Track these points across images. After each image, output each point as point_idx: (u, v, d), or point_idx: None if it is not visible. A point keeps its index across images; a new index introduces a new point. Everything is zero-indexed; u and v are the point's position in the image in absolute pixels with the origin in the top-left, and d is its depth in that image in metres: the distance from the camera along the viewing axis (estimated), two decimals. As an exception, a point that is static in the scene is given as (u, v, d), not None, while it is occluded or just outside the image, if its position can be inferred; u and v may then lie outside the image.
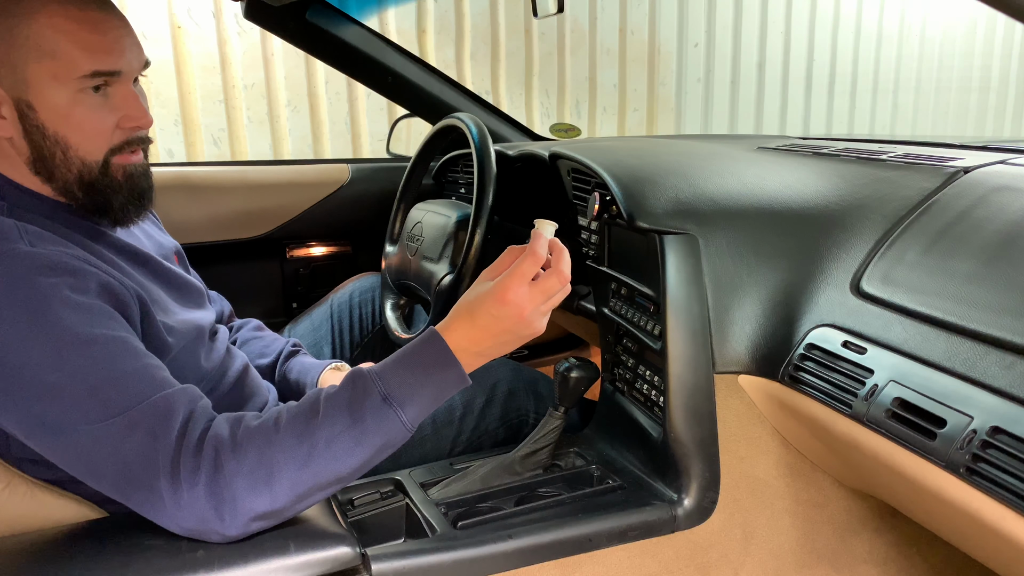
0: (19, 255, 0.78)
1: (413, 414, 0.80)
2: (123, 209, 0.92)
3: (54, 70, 0.83)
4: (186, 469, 0.74)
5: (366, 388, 0.80)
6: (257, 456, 0.75)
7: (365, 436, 0.78)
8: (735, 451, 1.04)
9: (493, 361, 0.90)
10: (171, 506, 0.74)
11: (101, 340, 0.78)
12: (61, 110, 0.84)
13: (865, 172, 1.11)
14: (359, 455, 0.78)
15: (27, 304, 0.76)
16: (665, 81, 4.00)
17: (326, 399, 0.80)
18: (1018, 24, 0.94)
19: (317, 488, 0.78)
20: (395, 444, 0.81)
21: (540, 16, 1.62)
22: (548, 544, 0.91)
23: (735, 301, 1.00)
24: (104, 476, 0.75)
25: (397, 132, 2.04)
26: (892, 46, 4.58)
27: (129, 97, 0.88)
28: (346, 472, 0.79)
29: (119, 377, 0.77)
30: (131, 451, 0.74)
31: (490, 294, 0.83)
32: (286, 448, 0.76)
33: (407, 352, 0.83)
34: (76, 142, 0.86)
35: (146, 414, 0.75)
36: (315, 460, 0.77)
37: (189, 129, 2.99)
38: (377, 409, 0.79)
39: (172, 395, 0.78)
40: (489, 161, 1.23)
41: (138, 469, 0.74)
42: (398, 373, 0.81)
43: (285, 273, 1.88)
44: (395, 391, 0.80)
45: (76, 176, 0.88)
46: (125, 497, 0.76)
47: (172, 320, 0.95)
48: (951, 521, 0.81)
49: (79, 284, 0.80)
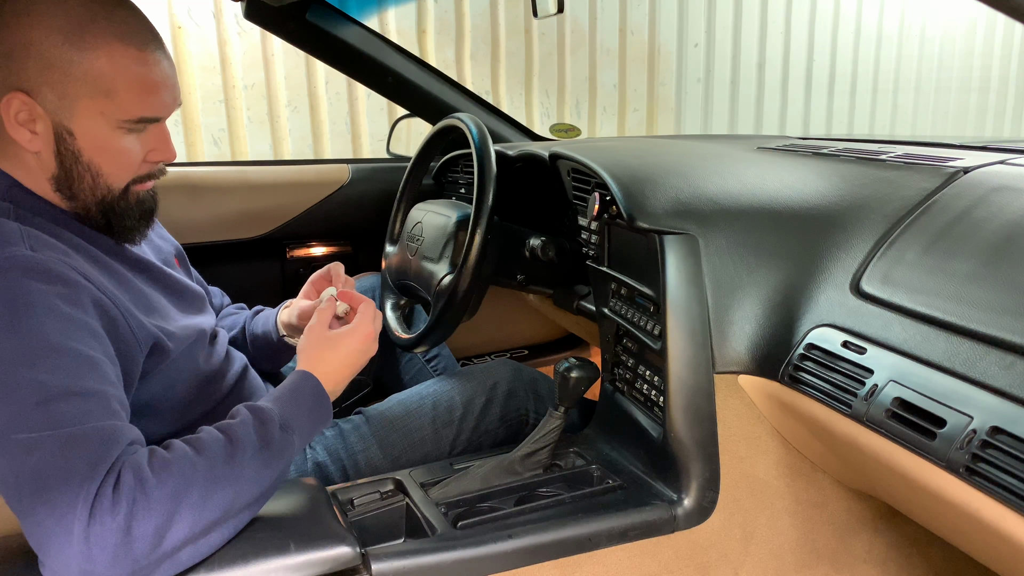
0: (18, 259, 0.79)
1: (302, 441, 0.87)
2: (130, 228, 0.95)
3: (105, 107, 0.86)
4: (106, 501, 0.69)
5: (268, 418, 0.83)
6: (178, 486, 0.72)
7: (271, 459, 0.80)
8: (735, 451, 1.04)
9: (493, 361, 0.92)
10: (79, 540, 0.68)
11: (72, 353, 0.76)
12: (100, 142, 0.88)
13: (865, 172, 1.11)
14: (267, 476, 0.80)
15: (12, 304, 0.76)
16: (665, 81, 4.00)
17: (231, 427, 0.81)
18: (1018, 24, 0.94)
19: (228, 518, 0.76)
20: (287, 473, 0.85)
21: (540, 16, 1.62)
22: (548, 544, 0.91)
23: (735, 301, 1.00)
24: (20, 489, 0.70)
25: (397, 132, 2.04)
26: (892, 46, 4.58)
27: (162, 136, 0.93)
28: (255, 494, 0.79)
29: (76, 393, 0.74)
30: (58, 470, 0.69)
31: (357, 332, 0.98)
32: (204, 475, 0.74)
33: (289, 390, 0.90)
34: (107, 171, 0.90)
35: (89, 436, 0.72)
36: (232, 480, 0.76)
37: (189, 129, 2.99)
38: (279, 436, 0.82)
39: (118, 427, 0.75)
40: (489, 161, 1.23)
41: (59, 492, 0.68)
42: (288, 406, 0.87)
43: (285, 273, 1.88)
44: (290, 421, 0.85)
45: (98, 200, 0.91)
46: (28, 515, 0.69)
47: (172, 326, 0.95)
48: (951, 521, 0.82)
49: (71, 295, 0.80)
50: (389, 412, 1.20)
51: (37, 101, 0.84)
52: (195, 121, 2.99)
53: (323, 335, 0.98)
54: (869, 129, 4.65)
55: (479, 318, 1.33)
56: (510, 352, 2.03)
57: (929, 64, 4.71)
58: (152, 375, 0.93)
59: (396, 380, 1.52)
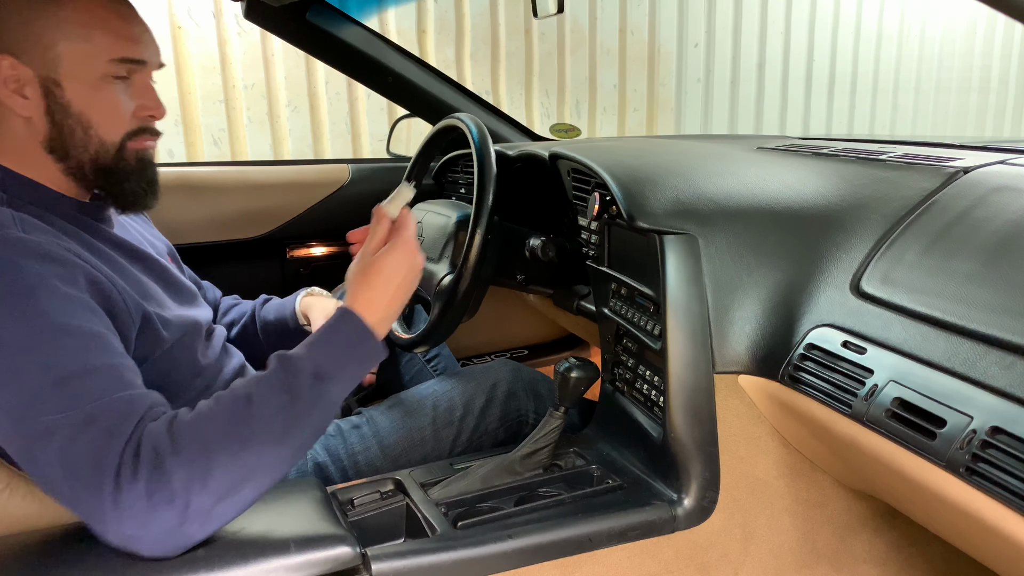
0: (11, 240, 0.79)
1: (340, 391, 0.83)
2: (132, 193, 0.94)
3: (86, 51, 0.87)
4: (128, 468, 0.71)
5: (297, 367, 0.80)
6: (198, 446, 0.73)
7: (300, 415, 0.78)
8: (735, 451, 1.04)
9: (493, 361, 0.91)
10: (110, 509, 0.70)
11: (76, 332, 0.77)
12: (88, 90, 0.88)
13: (865, 172, 1.11)
14: (296, 435, 0.78)
15: (11, 287, 0.76)
16: (665, 81, 4.00)
17: (257, 382, 0.79)
18: (1018, 24, 0.94)
19: (254, 477, 0.75)
20: (327, 422, 0.82)
21: (540, 16, 1.62)
22: (548, 544, 0.91)
23: (735, 301, 1.00)
24: (50, 470, 0.72)
25: (397, 132, 2.04)
26: (892, 46, 4.58)
27: (148, 88, 0.94)
28: (284, 457, 0.77)
29: (87, 371, 0.75)
30: (83, 447, 0.71)
31: (395, 253, 0.93)
32: (226, 431, 0.74)
33: (326, 331, 0.86)
34: (98, 122, 0.90)
35: (106, 410, 0.73)
36: (252, 441, 0.75)
37: (189, 129, 2.99)
38: (311, 387, 0.80)
39: (135, 396, 0.76)
40: (489, 161, 1.23)
41: (86, 468, 0.71)
42: (323, 350, 0.83)
43: (285, 273, 1.88)
44: (323, 368, 0.81)
45: (92, 157, 0.91)
46: (69, 497, 0.72)
47: (168, 314, 0.95)
48: (951, 521, 0.82)
49: (66, 275, 0.80)
50: (389, 412, 1.20)
51: (23, 62, 0.86)
52: (195, 121, 2.99)
53: (365, 259, 0.94)
54: (869, 129, 4.65)
55: (479, 318, 1.33)
56: (510, 352, 2.03)
57: (929, 64, 4.71)
58: (148, 364, 0.92)
59: (396, 380, 1.52)
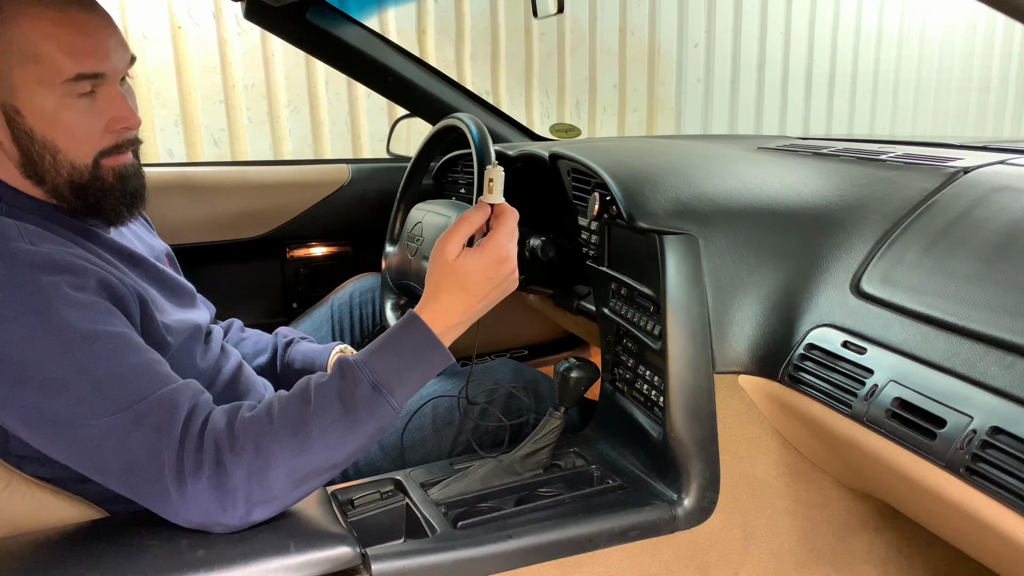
0: (20, 253, 0.79)
1: (402, 397, 0.84)
2: (115, 210, 0.92)
3: (39, 74, 0.82)
4: (190, 463, 0.75)
5: (355, 377, 0.82)
6: (254, 448, 0.77)
7: (357, 424, 0.81)
8: (735, 451, 1.04)
9: (493, 362, 0.91)
10: (176, 500, 0.75)
11: (104, 336, 0.78)
12: (48, 114, 0.84)
13: (865, 172, 1.11)
14: (352, 442, 0.81)
15: (30, 301, 0.76)
16: (665, 81, 4.00)
17: (316, 389, 0.82)
18: (1018, 24, 0.94)
19: (313, 475, 0.80)
20: (386, 428, 0.84)
21: (540, 16, 1.62)
22: (548, 544, 0.91)
23: (735, 301, 1.00)
24: (110, 471, 0.76)
25: (397, 132, 2.04)
26: (892, 46, 4.58)
27: (116, 99, 0.87)
28: (340, 459, 0.81)
29: (124, 372, 0.78)
30: (137, 446, 0.75)
31: (485, 257, 0.86)
32: (282, 439, 0.78)
33: (391, 337, 0.85)
34: (65, 146, 0.86)
35: (152, 409, 0.77)
36: (309, 449, 0.79)
37: (189, 129, 2.99)
38: (368, 398, 0.81)
39: (176, 390, 0.80)
40: (489, 161, 1.23)
41: (144, 463, 0.75)
42: (385, 359, 0.84)
43: (285, 273, 1.88)
44: (383, 378, 0.82)
45: (66, 179, 0.87)
46: (131, 491, 0.77)
47: (169, 319, 0.95)
48: (951, 521, 0.82)
49: (79, 281, 0.81)
50: (389, 412, 1.20)
51: None
52: (195, 121, 2.99)
53: (442, 256, 0.87)
54: (869, 129, 4.65)
55: (479, 318, 1.33)
56: (510, 352, 2.03)
57: (929, 64, 4.71)
58: None
59: (396, 380, 1.52)
